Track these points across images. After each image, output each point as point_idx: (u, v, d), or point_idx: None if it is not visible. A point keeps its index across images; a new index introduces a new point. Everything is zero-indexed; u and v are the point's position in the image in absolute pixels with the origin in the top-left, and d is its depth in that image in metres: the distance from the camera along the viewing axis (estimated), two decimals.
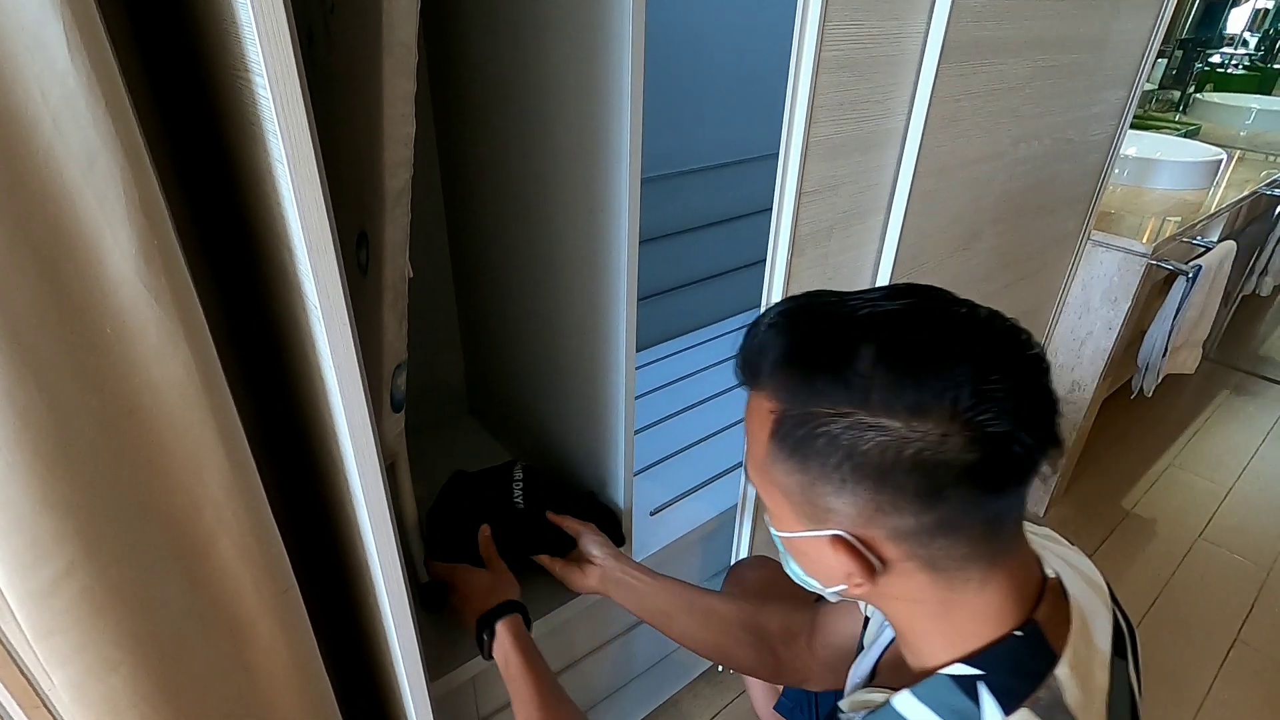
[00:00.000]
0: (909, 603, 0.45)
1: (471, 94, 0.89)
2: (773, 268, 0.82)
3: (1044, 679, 0.42)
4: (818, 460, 0.41)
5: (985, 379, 0.38)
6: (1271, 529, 1.71)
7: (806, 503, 0.44)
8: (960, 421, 0.38)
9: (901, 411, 0.38)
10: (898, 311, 0.41)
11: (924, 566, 0.43)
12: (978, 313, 0.41)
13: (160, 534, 0.44)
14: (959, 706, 0.43)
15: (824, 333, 0.42)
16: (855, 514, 0.42)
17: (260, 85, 0.40)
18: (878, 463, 0.39)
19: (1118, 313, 1.46)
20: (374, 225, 0.67)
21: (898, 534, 0.42)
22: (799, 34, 0.70)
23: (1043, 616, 0.44)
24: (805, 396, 0.41)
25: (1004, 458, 0.38)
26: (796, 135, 0.74)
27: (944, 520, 0.40)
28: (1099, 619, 0.47)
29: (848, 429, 0.39)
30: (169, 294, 0.39)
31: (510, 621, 0.73)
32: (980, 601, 0.44)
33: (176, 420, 0.42)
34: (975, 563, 0.42)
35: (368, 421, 0.52)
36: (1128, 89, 1.24)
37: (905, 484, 0.39)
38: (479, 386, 1.22)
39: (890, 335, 0.40)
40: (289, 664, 0.55)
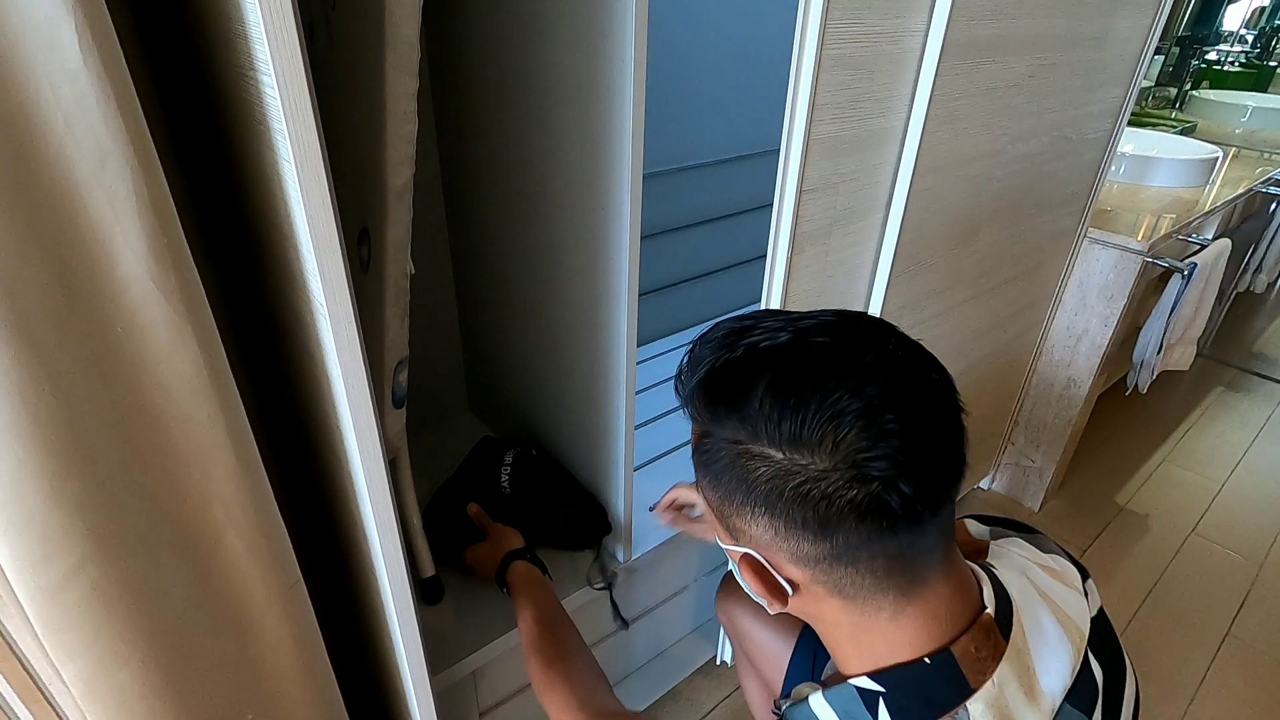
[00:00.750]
0: (827, 624, 0.46)
1: (472, 91, 0.89)
2: (773, 265, 0.83)
3: (950, 710, 0.42)
4: (724, 483, 0.42)
5: (876, 416, 0.37)
6: (1263, 524, 1.73)
7: (723, 519, 0.44)
8: (842, 457, 0.37)
9: (783, 444, 0.38)
10: (794, 341, 0.41)
11: (832, 592, 0.43)
12: (889, 340, 0.40)
13: (169, 530, 0.44)
14: (859, 716, 0.43)
15: (730, 361, 0.42)
16: (760, 535, 0.42)
17: (268, 85, 0.40)
18: (766, 492, 0.40)
19: (1113, 310, 1.47)
20: (376, 223, 0.67)
21: (799, 559, 0.42)
22: (800, 31, 0.70)
23: (961, 650, 0.43)
24: (711, 422, 0.42)
25: (889, 500, 0.38)
26: (798, 133, 0.74)
27: (841, 552, 0.40)
28: (1052, 662, 0.45)
29: (739, 457, 0.40)
30: (179, 292, 0.40)
31: (512, 569, 0.81)
32: (894, 629, 0.43)
33: (186, 417, 0.42)
34: (884, 594, 0.42)
35: (372, 418, 0.52)
36: (1125, 87, 1.24)
37: (795, 515, 0.39)
38: (479, 382, 1.22)
39: (782, 368, 0.39)
40: (295, 658, 0.56)
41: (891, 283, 0.96)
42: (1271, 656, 1.40)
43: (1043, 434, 1.67)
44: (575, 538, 0.97)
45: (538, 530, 0.96)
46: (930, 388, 0.39)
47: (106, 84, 0.34)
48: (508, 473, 0.94)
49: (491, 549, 0.87)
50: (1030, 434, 1.69)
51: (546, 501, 0.95)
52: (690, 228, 1.43)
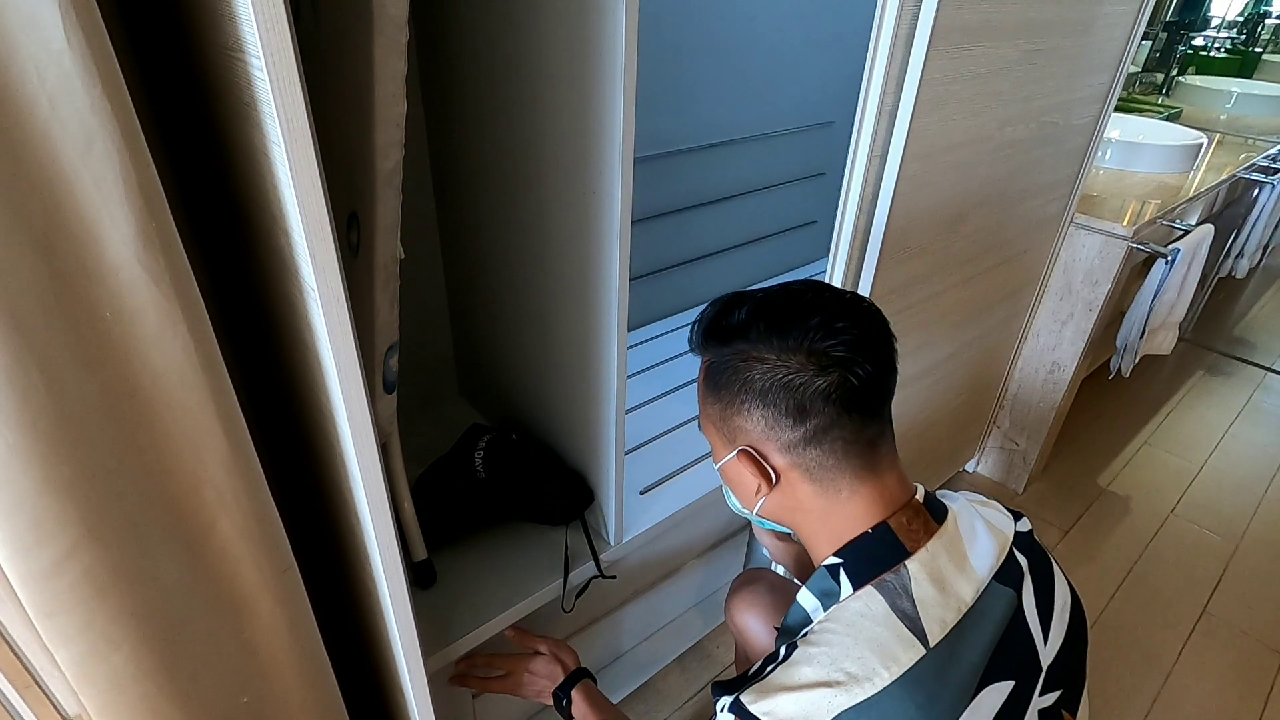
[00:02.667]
0: (803, 513, 0.59)
1: (461, 72, 0.88)
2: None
3: (893, 566, 0.54)
4: (727, 390, 0.57)
5: (831, 324, 0.53)
6: (1240, 505, 1.77)
7: (724, 426, 0.58)
8: (816, 354, 0.53)
9: (774, 350, 0.54)
10: (780, 291, 0.58)
11: (805, 476, 0.56)
12: (844, 294, 0.58)
13: (162, 515, 0.44)
14: (828, 588, 0.56)
15: (735, 308, 0.58)
16: (753, 430, 0.56)
17: (256, 66, 0.40)
18: (761, 387, 0.54)
19: (1098, 295, 1.48)
20: (365, 206, 0.66)
21: (783, 446, 0.56)
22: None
23: (896, 522, 0.56)
24: (722, 350, 0.57)
25: (848, 380, 0.53)
26: (872, 103, 0.83)
27: (814, 433, 0.54)
28: (981, 547, 0.58)
29: (743, 364, 0.55)
30: (168, 276, 0.39)
31: (581, 686, 0.86)
32: (849, 508, 0.57)
33: (176, 402, 0.42)
34: (843, 474, 0.56)
35: (364, 402, 0.52)
36: (1112, 73, 1.25)
37: (780, 402, 0.54)
38: (469, 367, 1.22)
39: (769, 305, 0.56)
40: (289, 642, 0.56)
41: (880, 268, 0.97)
42: (1245, 632, 1.44)
43: (1027, 417, 1.69)
44: (555, 512, 0.98)
45: (514, 509, 0.97)
46: (867, 311, 0.56)
47: (92, 65, 0.34)
48: (481, 457, 0.95)
49: (551, 663, 0.88)
50: (1015, 417, 1.71)
51: (523, 482, 0.95)
52: (682, 211, 1.43)
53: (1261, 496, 1.80)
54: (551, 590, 0.93)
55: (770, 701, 0.51)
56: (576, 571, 0.94)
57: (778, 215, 1.63)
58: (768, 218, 1.61)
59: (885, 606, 0.52)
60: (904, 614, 0.52)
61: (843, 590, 0.55)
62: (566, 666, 0.87)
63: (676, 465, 1.12)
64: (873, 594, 0.53)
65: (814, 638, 0.53)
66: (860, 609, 0.53)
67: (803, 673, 0.51)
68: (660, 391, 1.30)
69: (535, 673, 0.88)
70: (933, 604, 0.53)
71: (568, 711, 0.85)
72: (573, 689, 0.85)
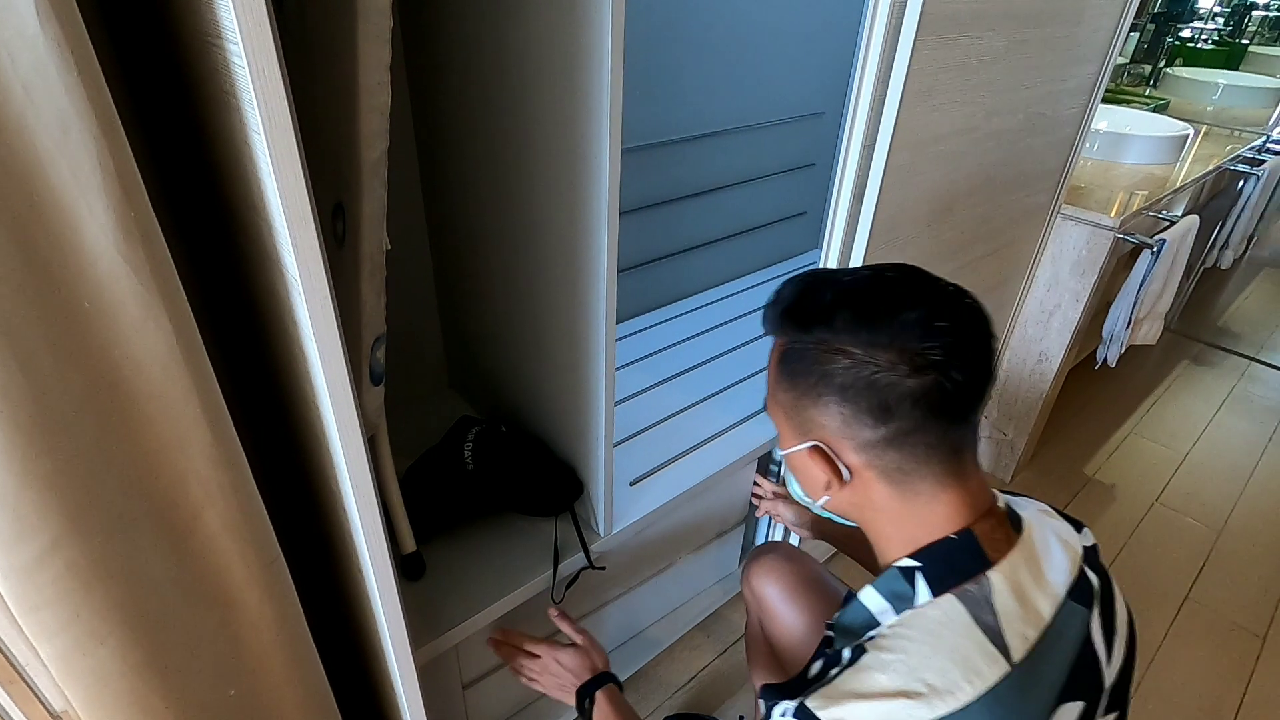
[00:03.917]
0: (874, 511, 0.56)
1: (448, 62, 0.87)
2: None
3: (974, 576, 0.51)
4: (804, 380, 0.53)
5: (930, 322, 0.49)
6: (1223, 493, 1.79)
7: (797, 416, 0.55)
8: (907, 353, 0.49)
9: (861, 344, 0.50)
10: (871, 276, 0.54)
11: (881, 477, 0.53)
12: (941, 283, 0.52)
13: (146, 507, 0.44)
14: (900, 591, 0.53)
15: (818, 291, 0.54)
16: (828, 425, 0.53)
17: (235, 54, 0.39)
18: (842, 382, 0.51)
19: (1085, 285, 1.49)
20: (350, 197, 0.66)
21: (860, 445, 0.52)
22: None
23: (980, 529, 0.53)
24: (801, 336, 0.53)
25: (943, 385, 0.49)
26: (865, 94, 0.83)
27: (896, 435, 0.51)
28: (1056, 562, 0.55)
29: (824, 355, 0.51)
30: (148, 266, 0.39)
31: (606, 690, 0.82)
32: (928, 512, 0.53)
33: (159, 394, 0.42)
34: (923, 479, 0.52)
35: (350, 393, 0.52)
36: (1099, 63, 1.25)
37: (862, 400, 0.50)
38: (459, 359, 1.22)
39: (861, 291, 0.52)
40: (276, 634, 0.56)
41: (868, 258, 0.97)
42: (1227, 618, 1.46)
43: (1015, 407, 1.71)
44: (544, 504, 0.98)
45: (503, 501, 0.97)
46: (969, 309, 0.51)
47: (67, 51, 0.33)
48: (470, 449, 0.95)
49: (582, 659, 0.84)
50: (1003, 407, 1.73)
51: (512, 474, 0.95)
52: (671, 203, 1.42)
53: (1244, 485, 1.82)
54: (541, 582, 0.93)
55: (841, 708, 0.48)
56: (567, 562, 0.95)
57: (767, 206, 1.63)
58: (757, 209, 1.61)
59: (967, 616, 0.50)
60: (986, 626, 0.49)
61: (919, 595, 0.52)
62: (595, 666, 0.84)
63: (666, 456, 1.13)
64: (954, 602, 0.50)
65: (886, 643, 0.51)
66: (940, 617, 0.50)
67: (877, 680, 0.49)
68: (650, 383, 1.30)
69: (564, 664, 0.84)
70: (1014, 617, 0.50)
71: (588, 713, 0.82)
72: (598, 690, 0.81)
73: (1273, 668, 1.36)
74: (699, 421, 1.21)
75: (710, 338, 1.44)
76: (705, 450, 1.15)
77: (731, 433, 1.18)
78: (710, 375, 1.33)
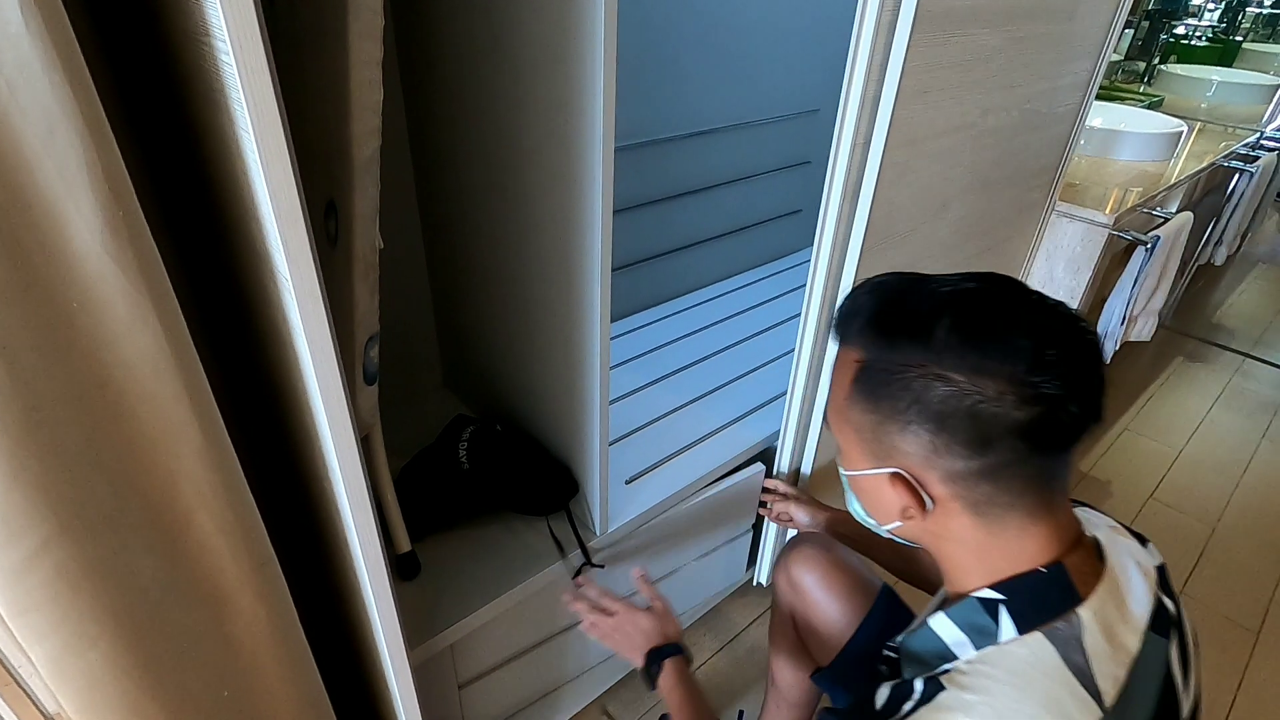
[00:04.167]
0: (953, 542, 0.52)
1: (440, 61, 0.87)
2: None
3: (1064, 614, 0.48)
4: (889, 403, 0.49)
5: (1044, 352, 0.44)
6: (1217, 488, 1.80)
7: (875, 440, 0.51)
8: (1016, 383, 0.44)
9: (967, 370, 0.45)
10: (974, 290, 0.48)
11: (968, 508, 0.49)
12: (1046, 301, 0.48)
13: (136, 509, 0.43)
14: (980, 624, 0.50)
15: (908, 301, 0.50)
16: (914, 453, 0.49)
17: (223, 51, 0.39)
18: (939, 410, 0.46)
19: (1080, 282, 1.49)
20: (343, 195, 0.65)
21: (949, 476, 0.48)
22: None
23: (1071, 563, 0.50)
24: (887, 351, 0.49)
25: (1051, 419, 0.45)
26: (855, 91, 0.82)
27: (991, 468, 0.47)
28: (1137, 591, 0.52)
29: (918, 378, 0.47)
30: (136, 266, 0.39)
31: (677, 660, 0.80)
32: (1016, 546, 0.50)
33: (149, 394, 0.41)
34: (1015, 512, 0.49)
35: (342, 393, 0.52)
36: (1094, 60, 1.25)
37: (959, 430, 0.46)
38: (454, 358, 1.22)
39: (964, 308, 0.47)
40: (270, 636, 0.55)
41: (864, 255, 0.97)
42: (1221, 613, 1.47)
43: None
44: (539, 503, 0.98)
45: (499, 500, 0.96)
46: (1082, 335, 0.47)
47: (51, 49, 0.33)
48: (465, 449, 0.95)
49: (656, 624, 0.83)
50: None
51: (507, 473, 0.95)
52: (666, 201, 1.42)
53: (1238, 481, 1.83)
54: (537, 581, 0.93)
55: None
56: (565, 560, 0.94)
57: (763, 204, 1.63)
58: (753, 206, 1.61)
59: (1057, 658, 0.47)
60: (1077, 668, 0.47)
61: (1002, 631, 0.49)
62: (669, 634, 0.82)
63: (662, 455, 1.12)
64: (1043, 642, 0.47)
65: (967, 680, 0.48)
66: (1028, 657, 0.47)
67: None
68: (645, 381, 1.30)
69: (640, 626, 0.82)
70: (1104, 658, 0.47)
71: (654, 679, 0.80)
72: (667, 659, 0.80)
73: (1267, 662, 1.37)
74: (695, 419, 1.21)
75: (706, 335, 1.44)
76: (702, 448, 1.15)
77: (728, 430, 1.18)
78: (707, 373, 1.33)
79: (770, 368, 1.35)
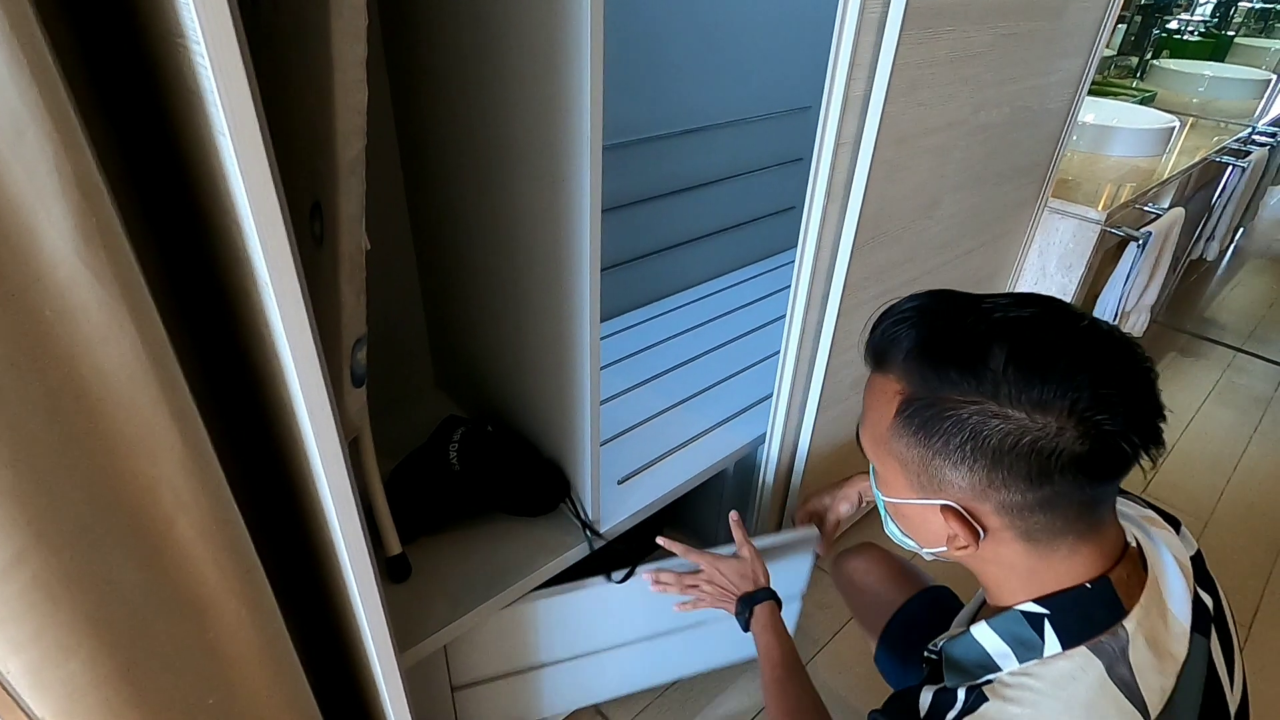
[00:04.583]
0: (1001, 566, 0.52)
1: (428, 59, 0.86)
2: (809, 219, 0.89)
3: (1109, 628, 0.48)
4: (942, 439, 0.47)
5: (1103, 385, 0.44)
6: (1209, 485, 1.80)
7: (923, 473, 0.50)
8: (1076, 418, 0.43)
9: (1026, 405, 0.44)
10: (1026, 319, 0.47)
11: (1020, 537, 0.49)
12: (1099, 326, 0.47)
13: (115, 518, 0.43)
14: (1024, 637, 0.50)
15: (958, 331, 0.48)
16: (968, 487, 0.48)
17: (198, 53, 0.38)
18: (997, 446, 0.45)
19: (1072, 278, 1.50)
20: (328, 196, 0.65)
21: (1003, 508, 0.48)
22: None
23: (1116, 577, 0.49)
24: (935, 384, 0.47)
25: (1112, 452, 0.44)
26: (838, 90, 0.81)
27: (1047, 500, 0.46)
28: (1177, 592, 0.52)
29: (975, 414, 0.45)
30: (110, 271, 0.38)
31: (765, 606, 0.83)
32: (1065, 566, 0.50)
33: (126, 402, 0.41)
34: (1066, 537, 0.48)
35: (325, 396, 0.51)
36: (1085, 56, 1.25)
37: (1018, 466, 0.45)
38: (446, 358, 1.21)
39: (1019, 338, 0.46)
40: (255, 643, 0.55)
41: (854, 254, 0.96)
42: None
43: None
44: (530, 504, 0.97)
45: (490, 501, 0.96)
46: (1139, 366, 0.46)
47: (17, 50, 0.32)
48: (455, 450, 0.94)
49: (746, 569, 0.87)
50: None
51: (498, 474, 0.95)
52: (657, 199, 1.41)
53: (1229, 476, 1.84)
54: (530, 581, 0.92)
55: None
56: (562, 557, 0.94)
57: (754, 202, 1.63)
58: (744, 204, 1.61)
59: (1102, 672, 0.47)
60: (1122, 682, 0.46)
61: (1047, 646, 0.49)
62: (757, 580, 0.86)
63: (655, 454, 1.12)
64: (1088, 657, 0.47)
65: (1011, 693, 0.48)
66: (1073, 672, 0.47)
67: None
68: (637, 381, 1.29)
69: (724, 572, 0.86)
70: (1149, 669, 0.47)
71: (746, 623, 0.84)
72: (757, 605, 0.83)
73: (1257, 658, 1.37)
74: (688, 418, 1.20)
75: (700, 333, 1.44)
76: (694, 447, 1.14)
77: (721, 429, 1.18)
78: (699, 371, 1.32)
79: (763, 366, 1.35)
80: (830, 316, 1.01)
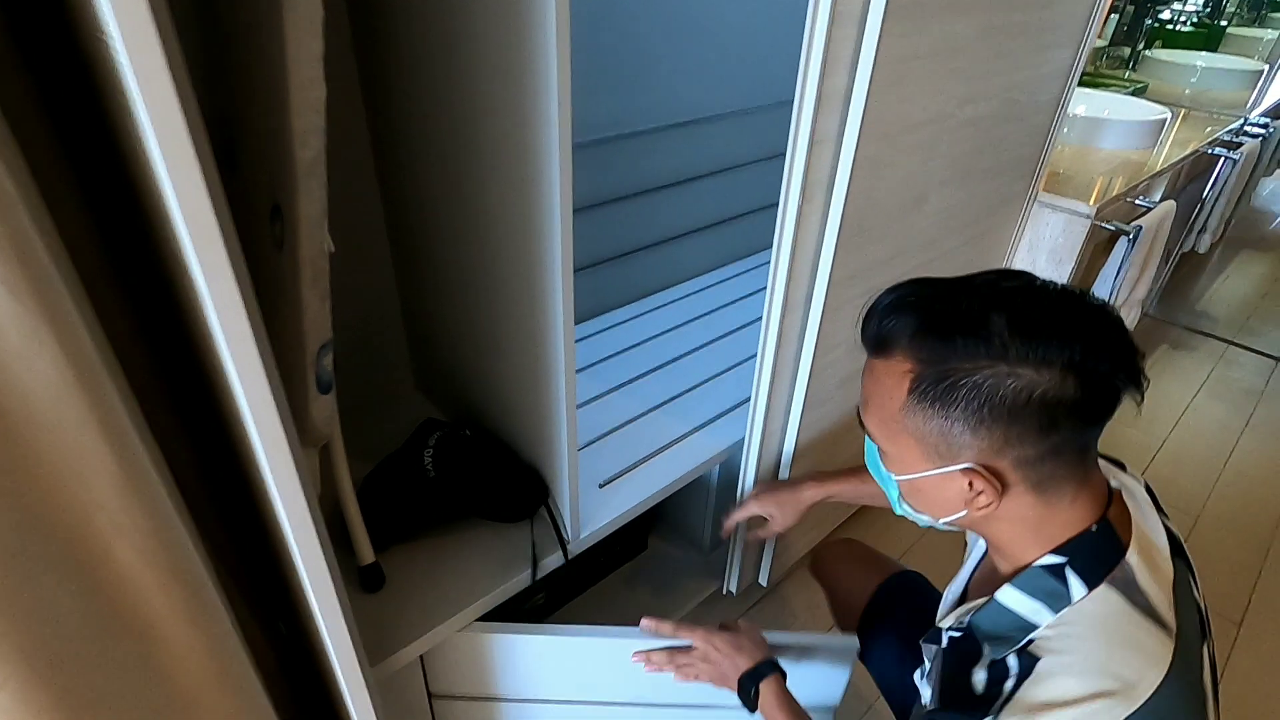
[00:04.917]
0: (1013, 522, 0.56)
1: (400, 58, 0.83)
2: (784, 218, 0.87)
3: (1118, 563, 0.53)
4: (959, 406, 0.51)
5: (1090, 336, 0.49)
6: (1200, 479, 1.79)
7: (942, 442, 0.54)
8: (1075, 368, 0.49)
9: (1033, 362, 0.49)
10: (1015, 288, 0.53)
11: (1032, 488, 0.54)
12: (1071, 291, 0.53)
13: (45, 545, 0.41)
14: (1051, 589, 0.54)
15: (957, 306, 0.52)
16: (986, 447, 0.52)
17: (119, 50, 0.36)
18: (1012, 403, 0.50)
19: (1063, 273, 1.48)
20: (287, 198, 0.62)
21: (1019, 461, 0.52)
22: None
23: (1113, 515, 0.56)
24: (945, 356, 0.51)
25: (1105, 393, 0.50)
26: (811, 86, 0.79)
27: (1054, 448, 0.51)
28: (1151, 520, 0.58)
29: (990, 377, 0.50)
30: (27, 286, 0.35)
31: (771, 680, 0.79)
32: (1070, 511, 0.55)
33: (51, 423, 0.38)
34: (1069, 482, 0.54)
35: (275, 411, 0.49)
36: (1075, 48, 1.23)
37: (1030, 419, 0.50)
38: (424, 361, 1.19)
39: (1016, 307, 0.51)
40: (208, 665, 0.53)
41: (838, 252, 0.94)
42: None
43: None
44: (507, 510, 0.95)
45: (466, 507, 0.94)
46: (1106, 313, 0.52)
47: None
48: (431, 455, 0.92)
49: (744, 643, 0.82)
50: None
51: (474, 479, 0.93)
52: (639, 196, 1.39)
53: (1220, 470, 1.83)
54: (507, 589, 0.90)
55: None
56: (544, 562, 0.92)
57: (737, 198, 1.60)
58: (728, 201, 1.58)
59: (1125, 603, 0.52)
60: (1143, 608, 0.52)
61: (1073, 591, 0.53)
62: (755, 653, 0.81)
63: (637, 457, 1.10)
64: (1111, 592, 0.52)
65: (1056, 644, 0.52)
66: (1103, 609, 0.52)
67: (1066, 685, 0.49)
68: (617, 383, 1.27)
69: (719, 649, 0.81)
70: (1155, 590, 0.53)
71: (753, 702, 0.79)
72: (762, 681, 0.79)
73: (1250, 654, 1.37)
74: (671, 420, 1.18)
75: (683, 333, 1.41)
76: (678, 449, 1.12)
77: (703, 431, 1.16)
78: (683, 372, 1.30)
79: (749, 365, 1.33)
80: (814, 315, 0.99)
